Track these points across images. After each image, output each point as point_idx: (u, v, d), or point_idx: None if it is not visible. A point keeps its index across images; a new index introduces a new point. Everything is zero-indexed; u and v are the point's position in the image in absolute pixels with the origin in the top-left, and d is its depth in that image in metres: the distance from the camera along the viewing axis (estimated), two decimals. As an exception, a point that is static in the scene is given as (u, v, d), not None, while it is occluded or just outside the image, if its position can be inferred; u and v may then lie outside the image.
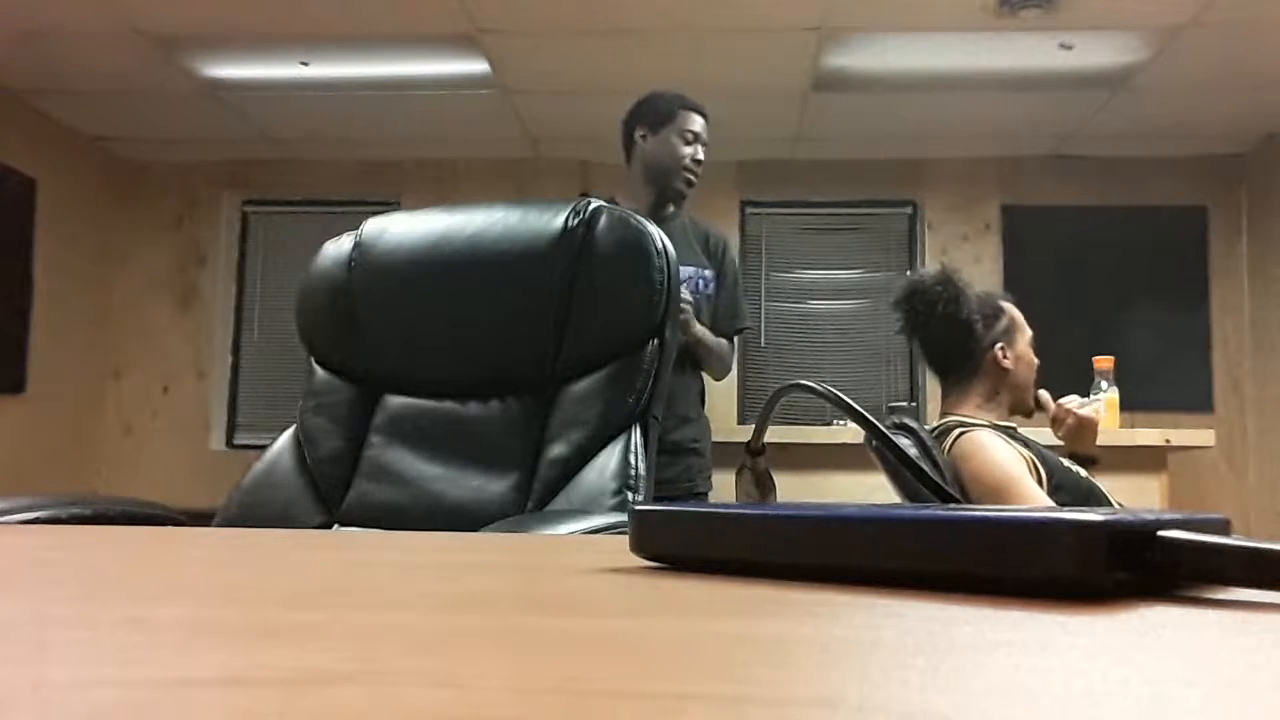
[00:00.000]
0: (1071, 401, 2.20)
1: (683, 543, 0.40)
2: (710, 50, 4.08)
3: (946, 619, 0.26)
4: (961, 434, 2.03)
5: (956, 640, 0.23)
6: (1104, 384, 3.22)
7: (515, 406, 1.45)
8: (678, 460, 2.56)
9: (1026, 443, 2.07)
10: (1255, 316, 5.15)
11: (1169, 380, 4.99)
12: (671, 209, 2.63)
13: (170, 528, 0.75)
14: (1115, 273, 5.16)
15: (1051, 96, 4.56)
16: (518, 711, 0.17)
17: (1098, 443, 2.17)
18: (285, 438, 1.56)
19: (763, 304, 5.31)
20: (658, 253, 1.43)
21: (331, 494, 1.48)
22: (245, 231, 5.55)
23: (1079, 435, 2.16)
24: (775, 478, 0.63)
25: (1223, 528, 0.33)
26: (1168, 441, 3.18)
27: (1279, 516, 4.95)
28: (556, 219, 1.47)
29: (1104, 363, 3.24)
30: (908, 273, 2.47)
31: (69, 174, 5.13)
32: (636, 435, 1.41)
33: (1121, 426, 3.25)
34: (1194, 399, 5.09)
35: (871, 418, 0.53)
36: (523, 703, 0.17)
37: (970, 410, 2.12)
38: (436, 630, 0.25)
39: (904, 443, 1.96)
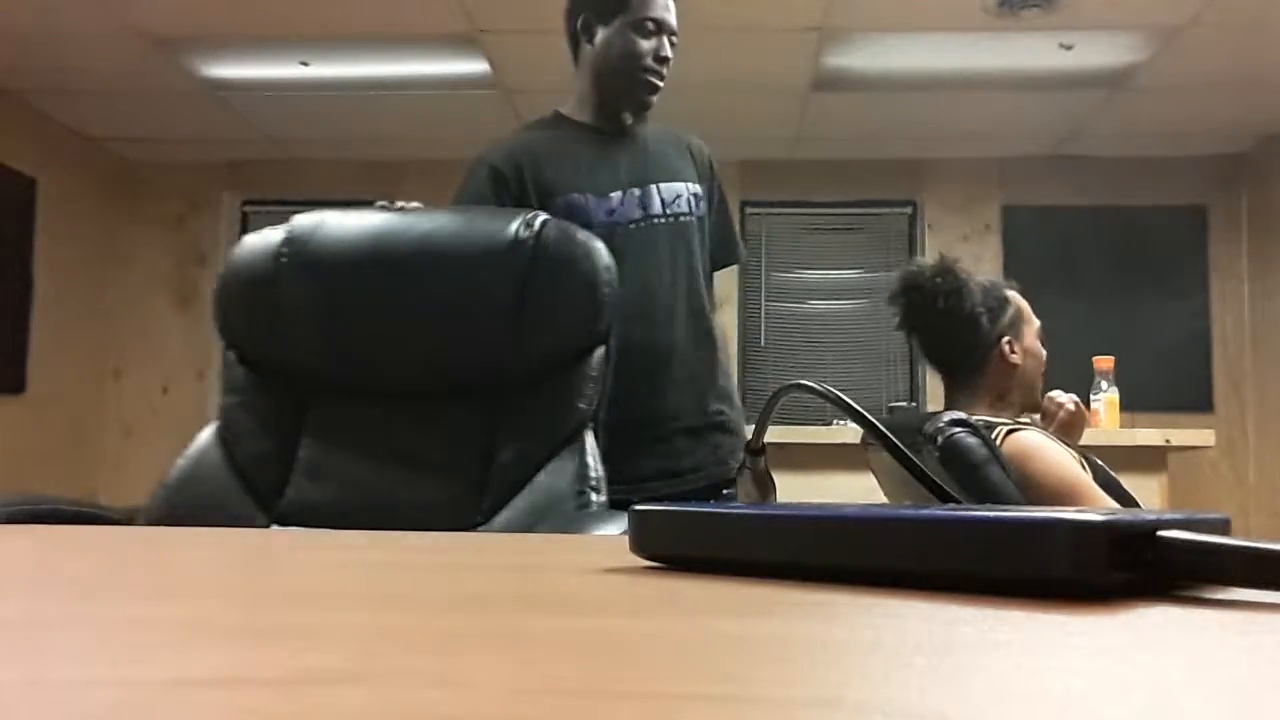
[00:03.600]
0: (1057, 395, 2.15)
1: (683, 543, 0.40)
2: (710, 50, 4.08)
3: (946, 619, 0.26)
4: (1010, 433, 1.89)
5: (956, 640, 0.23)
6: (1104, 384, 3.22)
7: (464, 410, 1.45)
8: (700, 443, 2.02)
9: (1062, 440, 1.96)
10: (1255, 316, 5.15)
11: (1169, 380, 4.99)
12: (635, 121, 2.05)
13: (165, 528, 0.75)
14: (1115, 273, 5.16)
15: (1051, 96, 4.56)
16: (517, 711, 0.17)
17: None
18: (207, 436, 1.52)
19: (763, 304, 5.31)
20: (605, 267, 1.48)
21: (267, 494, 1.45)
22: (245, 231, 5.54)
23: (1070, 428, 2.09)
24: (775, 477, 0.63)
25: (1223, 528, 0.33)
26: (1168, 441, 3.17)
27: (1279, 516, 4.95)
28: (507, 227, 1.48)
29: (1104, 363, 3.24)
30: (909, 264, 2.25)
31: (69, 174, 5.13)
32: (591, 439, 1.44)
33: (1121, 426, 3.25)
34: (1194, 399, 5.10)
35: (871, 418, 0.53)
36: (522, 703, 0.17)
37: (984, 412, 1.98)
38: (435, 630, 0.25)
39: (971, 442, 1.82)
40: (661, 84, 2.02)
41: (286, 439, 1.48)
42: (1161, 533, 0.30)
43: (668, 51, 2.01)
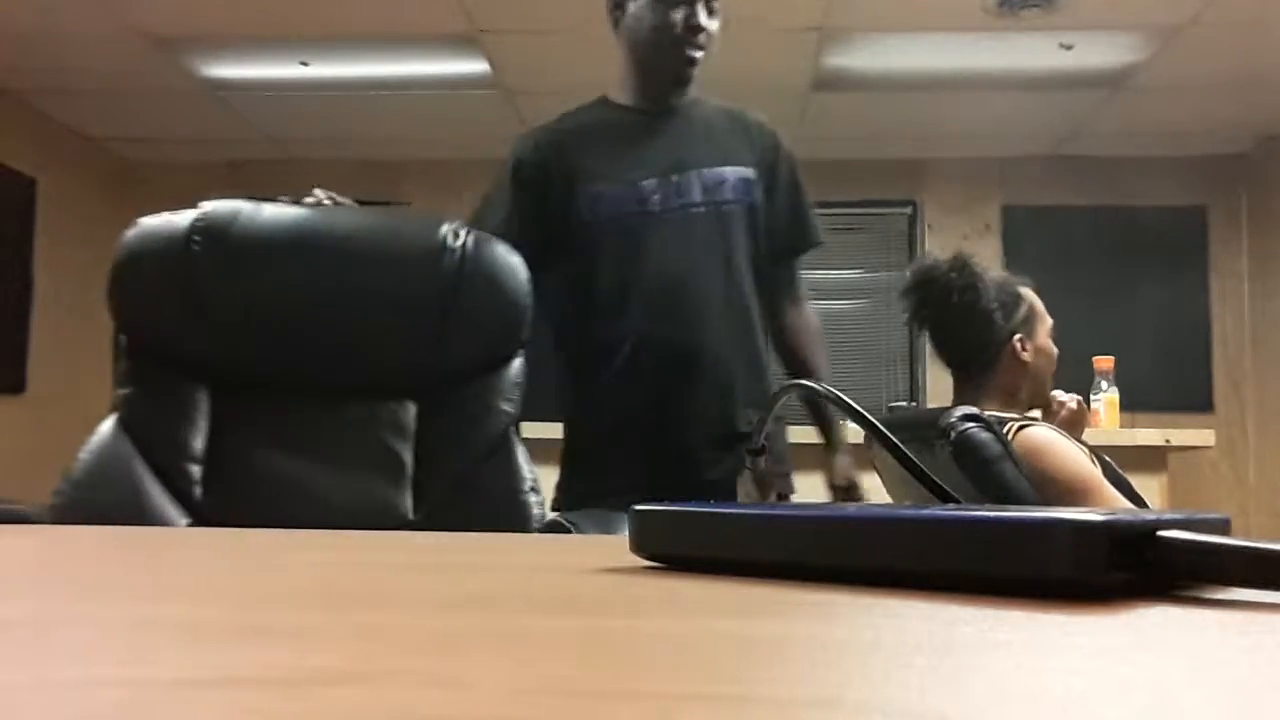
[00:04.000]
0: (1059, 394, 2.15)
1: (683, 543, 0.40)
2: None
3: (946, 619, 0.26)
4: (1021, 428, 1.87)
5: (956, 640, 0.23)
6: (1104, 384, 3.22)
7: (393, 410, 1.45)
8: (728, 453, 1.80)
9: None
10: (1255, 316, 5.15)
11: (1169, 380, 4.99)
12: (675, 98, 1.90)
13: (161, 528, 0.75)
14: (1115, 273, 5.16)
15: (1051, 96, 4.56)
16: (517, 711, 0.17)
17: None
18: (110, 429, 1.44)
19: (763, 304, 5.32)
20: (526, 280, 1.51)
21: (185, 491, 1.39)
22: (245, 231, 5.55)
23: (1071, 427, 2.09)
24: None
25: (1223, 528, 0.33)
26: (1168, 441, 3.17)
27: (1279, 516, 4.95)
28: (435, 232, 1.47)
29: (1104, 363, 3.24)
30: (923, 258, 2.20)
31: (69, 174, 5.13)
32: (520, 443, 1.45)
33: (1121, 426, 3.24)
34: (1194, 399, 5.09)
35: (871, 417, 0.53)
36: (522, 703, 0.17)
37: (994, 408, 1.96)
38: (436, 630, 0.25)
39: (984, 437, 1.79)
40: (699, 54, 1.86)
41: (202, 434, 1.42)
42: (1161, 533, 0.30)
43: (701, 19, 1.83)
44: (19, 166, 4.82)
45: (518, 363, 1.50)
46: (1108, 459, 1.96)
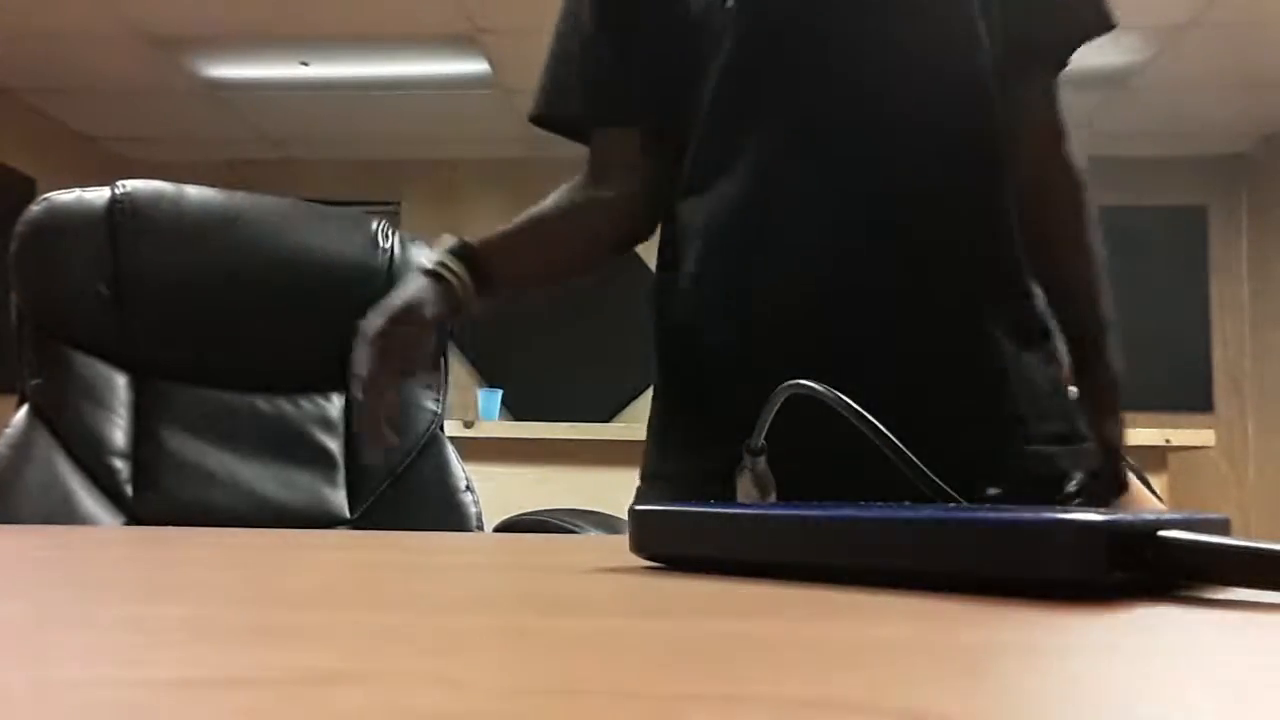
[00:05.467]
0: None
1: (683, 543, 0.40)
2: (710, 50, 4.08)
3: (947, 619, 0.26)
4: None
5: (957, 640, 0.23)
6: (1104, 384, 3.22)
7: (319, 404, 1.44)
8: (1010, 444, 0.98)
9: None
10: (1255, 316, 5.15)
11: (1169, 380, 4.99)
12: None
13: (158, 529, 0.75)
14: (1115, 273, 5.15)
15: (1051, 96, 4.56)
16: (517, 712, 0.17)
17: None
18: (24, 421, 1.35)
19: (763, 304, 5.31)
20: None
21: (115, 489, 1.34)
22: (245, 231, 5.56)
23: None
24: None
25: (1223, 528, 0.33)
26: (1168, 441, 3.17)
27: (1279, 516, 4.95)
28: (365, 229, 1.47)
29: (1104, 363, 3.24)
30: None
31: (69, 174, 5.13)
32: (446, 441, 1.45)
33: (1121, 426, 3.24)
34: (1194, 399, 5.09)
35: (871, 417, 0.53)
36: (522, 703, 0.17)
37: None
38: (436, 630, 0.25)
39: None
40: None
41: (125, 426, 1.37)
42: (1161, 533, 0.30)
43: None
44: (19, 166, 4.82)
45: (441, 361, 1.50)
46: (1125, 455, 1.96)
